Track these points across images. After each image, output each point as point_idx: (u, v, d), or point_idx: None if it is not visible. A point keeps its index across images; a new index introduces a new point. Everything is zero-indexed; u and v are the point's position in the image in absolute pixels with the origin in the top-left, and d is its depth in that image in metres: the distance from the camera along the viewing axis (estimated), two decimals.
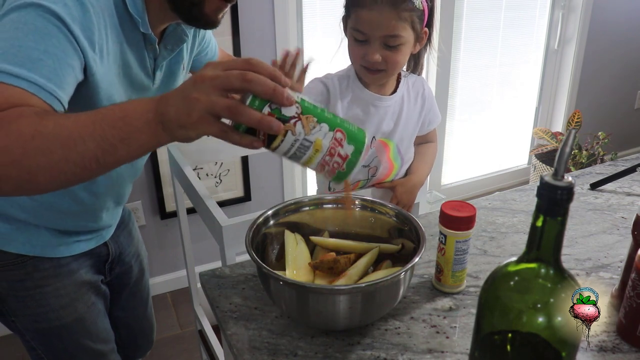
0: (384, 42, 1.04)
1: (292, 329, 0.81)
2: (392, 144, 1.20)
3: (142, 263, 1.29)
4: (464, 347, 0.77)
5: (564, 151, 0.52)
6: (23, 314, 1.03)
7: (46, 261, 1.00)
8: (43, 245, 0.98)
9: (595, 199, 1.18)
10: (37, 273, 0.99)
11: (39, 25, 0.71)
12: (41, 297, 1.01)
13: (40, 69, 0.69)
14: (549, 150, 2.81)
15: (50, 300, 1.02)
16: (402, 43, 1.05)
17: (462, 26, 2.56)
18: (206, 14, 0.88)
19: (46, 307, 1.02)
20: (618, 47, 3.01)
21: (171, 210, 2.15)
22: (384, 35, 1.03)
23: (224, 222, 1.03)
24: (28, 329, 1.05)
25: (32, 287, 1.00)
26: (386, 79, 1.13)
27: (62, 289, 1.03)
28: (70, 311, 1.05)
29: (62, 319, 1.04)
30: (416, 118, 1.20)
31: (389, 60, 1.06)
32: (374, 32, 1.03)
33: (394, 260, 0.87)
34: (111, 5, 0.83)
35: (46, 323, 1.04)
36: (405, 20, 1.02)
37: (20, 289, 1.00)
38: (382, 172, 1.22)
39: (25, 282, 0.99)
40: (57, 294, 1.02)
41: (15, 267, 0.97)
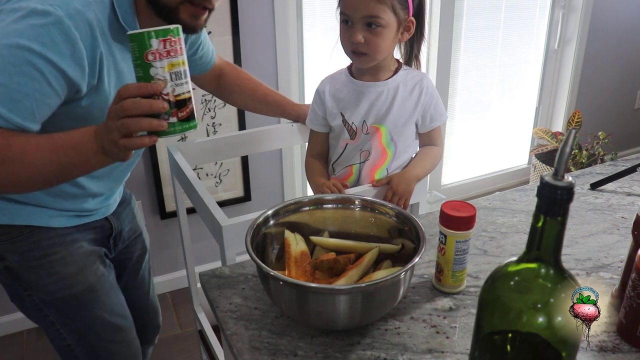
0: (366, 22, 1.11)
1: (292, 329, 0.81)
2: (384, 129, 1.21)
3: (144, 242, 1.34)
4: (464, 347, 0.77)
5: (564, 151, 0.52)
6: (36, 285, 1.08)
7: (51, 230, 1.06)
8: (44, 217, 1.05)
9: (595, 199, 1.18)
10: (44, 241, 1.06)
11: (25, 70, 0.82)
12: (50, 265, 1.07)
13: (20, 111, 0.83)
14: (549, 150, 2.81)
15: (59, 268, 1.07)
16: (382, 25, 1.11)
17: (462, 26, 2.56)
18: (183, 19, 0.95)
19: (56, 276, 1.08)
20: (618, 47, 3.01)
21: (171, 210, 2.15)
22: (364, 15, 1.10)
23: (224, 222, 1.03)
24: (44, 301, 1.10)
25: (40, 256, 1.06)
26: (371, 62, 1.18)
27: (69, 257, 1.08)
28: (80, 279, 1.10)
29: (73, 288, 1.09)
30: (411, 107, 1.22)
31: (371, 43, 1.13)
32: (355, 14, 1.11)
33: (394, 260, 0.87)
34: (106, 22, 0.92)
35: (58, 292, 1.09)
36: (385, 3, 1.09)
37: (30, 258, 1.06)
38: (375, 157, 1.24)
39: (34, 252, 1.05)
40: (64, 261, 1.08)
41: (23, 237, 1.04)
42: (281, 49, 2.09)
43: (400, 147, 1.24)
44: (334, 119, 1.25)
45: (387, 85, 1.21)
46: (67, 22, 0.84)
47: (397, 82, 1.22)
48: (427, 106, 1.23)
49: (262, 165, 2.26)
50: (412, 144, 1.27)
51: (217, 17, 1.92)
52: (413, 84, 1.22)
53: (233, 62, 1.99)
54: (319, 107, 1.27)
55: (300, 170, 2.41)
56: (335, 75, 1.28)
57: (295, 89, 2.24)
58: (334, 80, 1.27)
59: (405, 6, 1.12)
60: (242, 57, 2.01)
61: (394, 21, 1.12)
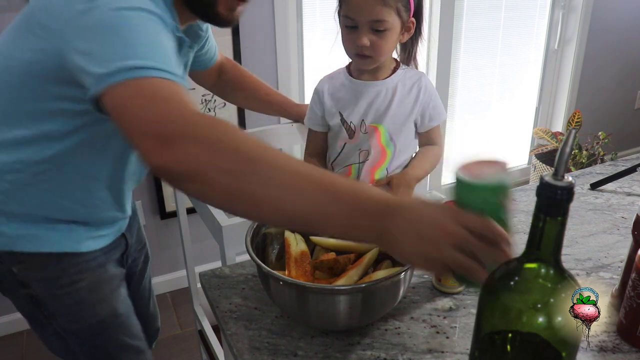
0: (371, 26, 1.11)
1: (292, 329, 0.81)
2: (383, 128, 1.22)
3: (147, 251, 1.31)
4: (464, 347, 0.77)
5: (564, 151, 0.52)
6: (60, 313, 1.03)
7: (78, 256, 1.01)
8: (74, 241, 1.00)
9: (595, 199, 1.18)
10: (72, 268, 1.01)
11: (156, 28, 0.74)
12: (77, 293, 1.02)
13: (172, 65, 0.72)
14: (549, 150, 2.81)
15: (86, 295, 1.03)
16: (388, 28, 1.11)
17: (462, 26, 2.56)
18: (220, 12, 0.91)
19: (82, 304, 1.03)
20: (618, 47, 3.01)
21: (171, 210, 2.15)
22: (371, 20, 1.10)
23: (224, 222, 1.03)
24: (67, 330, 1.05)
25: (67, 284, 1.01)
26: (374, 64, 1.19)
27: (96, 283, 1.04)
28: (105, 306, 1.06)
29: (99, 315, 1.05)
30: (410, 106, 1.22)
31: (375, 45, 1.13)
32: (361, 17, 1.10)
33: (394, 260, 0.87)
34: None
35: (84, 321, 1.04)
36: (390, 6, 1.09)
37: (56, 287, 1.01)
38: (375, 157, 1.24)
39: (61, 279, 1.00)
40: (91, 288, 1.03)
41: (51, 264, 0.98)
42: (281, 49, 2.09)
43: (399, 147, 1.24)
44: (332, 118, 1.25)
45: (386, 84, 1.22)
46: None
47: (396, 81, 1.22)
48: (425, 105, 1.23)
49: None
50: (411, 143, 1.27)
51: None
52: (411, 83, 1.22)
53: None
54: (317, 107, 1.27)
55: None
56: (333, 75, 1.28)
57: (295, 89, 2.24)
58: (333, 79, 1.27)
59: (408, 7, 1.13)
60: (242, 57, 2.01)
61: (398, 23, 1.12)
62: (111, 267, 1.08)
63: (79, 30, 0.74)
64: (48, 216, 0.96)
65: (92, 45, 0.73)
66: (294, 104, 1.46)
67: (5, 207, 0.93)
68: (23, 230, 0.95)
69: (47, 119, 0.86)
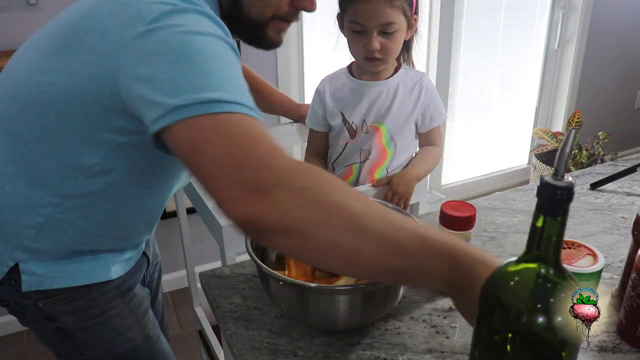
0: (381, 30, 1.12)
1: (292, 329, 0.81)
2: (384, 128, 1.22)
3: (160, 264, 1.26)
4: (464, 347, 0.77)
5: (564, 151, 0.52)
6: (93, 344, 0.98)
7: (108, 284, 0.96)
8: (103, 269, 0.95)
9: (595, 199, 1.18)
10: (102, 297, 0.95)
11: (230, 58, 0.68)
12: (108, 322, 0.98)
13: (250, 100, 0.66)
14: (549, 150, 2.81)
15: (118, 323, 0.98)
16: (397, 30, 1.13)
17: (462, 26, 2.56)
18: (270, 36, 0.90)
19: (114, 332, 0.99)
20: (618, 47, 3.01)
21: (171, 210, 2.14)
22: (380, 24, 1.11)
23: (224, 222, 1.03)
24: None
25: (98, 314, 0.96)
26: (383, 66, 1.20)
27: (126, 309, 0.99)
28: (138, 331, 1.01)
29: (132, 341, 1.00)
30: (411, 107, 1.22)
31: (385, 48, 1.14)
32: (371, 22, 1.11)
33: None
34: None
35: (117, 349, 0.99)
36: (397, 7, 1.10)
37: (87, 318, 0.96)
38: (375, 156, 1.24)
39: (92, 310, 0.95)
40: (122, 315, 0.99)
41: (81, 296, 0.94)
42: (281, 48, 2.07)
43: (400, 147, 1.24)
44: (333, 118, 1.25)
45: (387, 84, 1.22)
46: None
47: (397, 81, 1.22)
48: (426, 105, 1.23)
49: None
50: (411, 144, 1.27)
51: None
52: (413, 84, 1.23)
53: None
54: (318, 107, 1.28)
55: None
56: (335, 75, 1.28)
57: (295, 89, 2.24)
58: (334, 79, 1.27)
59: (411, 5, 1.14)
60: (242, 57, 2.00)
61: (404, 23, 1.13)
62: (139, 289, 1.03)
63: (142, 54, 0.66)
64: (77, 249, 0.91)
65: (159, 71, 0.64)
66: (297, 105, 1.46)
67: (36, 245, 0.86)
68: (50, 268, 0.89)
69: (87, 150, 0.78)
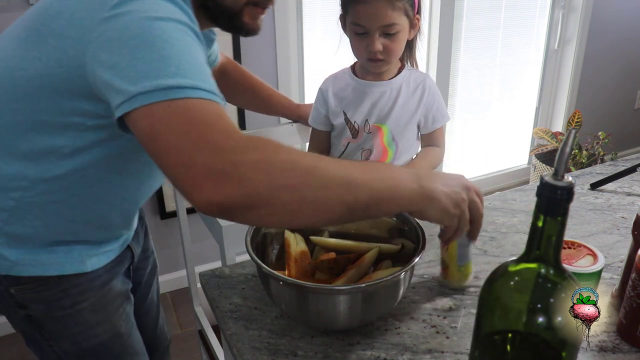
0: (383, 31, 1.12)
1: (292, 329, 0.81)
2: (386, 128, 1.22)
3: (155, 261, 1.25)
4: (464, 347, 0.77)
5: (564, 151, 0.52)
6: (61, 335, 0.99)
7: (81, 276, 0.96)
8: (77, 262, 0.95)
9: (595, 199, 1.18)
10: (74, 289, 0.96)
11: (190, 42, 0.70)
12: (78, 314, 0.98)
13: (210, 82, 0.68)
14: (549, 150, 2.81)
15: (88, 316, 0.98)
16: (399, 31, 1.13)
17: (462, 26, 2.56)
18: (246, 22, 0.89)
19: (84, 325, 0.99)
20: (618, 47, 3.01)
21: (171, 210, 2.15)
22: (382, 25, 1.10)
23: (224, 222, 1.03)
24: (67, 352, 1.01)
25: (69, 306, 0.96)
26: (386, 67, 1.20)
27: (98, 303, 0.99)
28: (108, 327, 1.01)
29: (101, 336, 1.01)
30: (414, 107, 1.22)
31: (388, 49, 1.14)
32: (373, 24, 1.11)
33: (394, 260, 0.87)
34: None
35: (85, 342, 1.00)
36: (399, 8, 1.10)
37: (57, 308, 0.96)
38: (376, 156, 1.24)
39: (63, 301, 0.96)
40: (93, 309, 0.99)
41: (52, 286, 0.94)
42: (281, 49, 2.09)
43: (401, 147, 1.24)
44: (336, 118, 1.26)
45: (390, 84, 1.22)
46: None
47: (400, 82, 1.22)
48: (429, 107, 1.23)
49: None
50: (413, 145, 1.27)
51: None
52: (416, 84, 1.23)
53: None
54: (321, 106, 1.28)
55: None
56: (338, 75, 1.28)
57: (295, 89, 2.24)
58: (337, 79, 1.27)
59: (413, 5, 1.14)
60: (242, 57, 2.01)
61: (406, 23, 1.13)
62: (116, 284, 1.03)
63: (105, 40, 0.67)
64: (52, 239, 0.91)
65: (121, 58, 0.66)
66: (295, 105, 1.46)
67: (8, 228, 0.87)
68: (24, 255, 0.89)
69: (55, 133, 0.79)
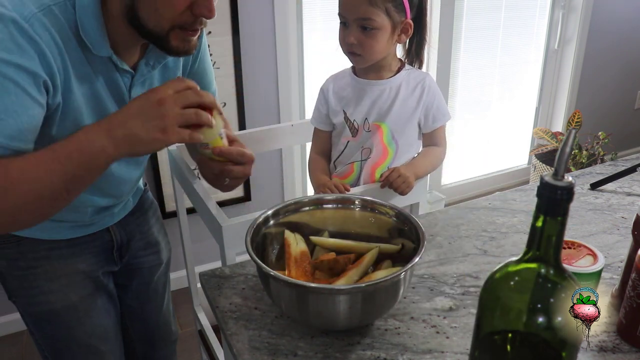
0: (359, 24, 1.14)
1: (292, 329, 0.81)
2: (385, 127, 1.22)
3: (159, 255, 1.26)
4: (464, 347, 0.77)
5: (564, 151, 0.52)
6: (19, 294, 1.05)
7: (40, 243, 1.02)
8: (36, 229, 0.99)
9: (595, 199, 1.18)
10: (30, 254, 1.02)
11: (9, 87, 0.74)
12: (33, 278, 1.03)
13: (3, 129, 0.75)
14: (549, 150, 2.81)
15: (41, 282, 1.04)
16: (376, 28, 1.13)
17: (462, 26, 2.56)
18: (175, 46, 0.87)
19: (37, 289, 1.04)
20: (618, 47, 3.01)
21: (171, 210, 2.15)
22: (358, 17, 1.13)
23: (224, 222, 1.03)
24: (25, 312, 1.08)
25: (24, 267, 1.02)
26: (365, 63, 1.20)
27: (53, 273, 1.04)
28: (61, 297, 1.06)
29: (53, 304, 1.06)
30: (413, 106, 1.22)
31: (364, 44, 1.15)
32: (350, 15, 1.14)
33: (394, 260, 0.87)
34: (71, 38, 0.83)
35: (37, 306, 1.06)
36: (377, 6, 1.11)
37: (15, 268, 1.03)
38: (376, 155, 1.25)
39: (19, 262, 1.02)
40: (47, 277, 1.04)
41: (11, 245, 1.01)
42: (281, 49, 2.09)
43: (401, 146, 1.24)
44: (336, 116, 1.26)
45: (390, 83, 1.22)
46: (24, 23, 0.75)
47: (400, 81, 1.23)
48: (429, 105, 1.23)
49: (262, 165, 2.26)
50: (414, 144, 1.27)
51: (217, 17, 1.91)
52: (415, 83, 1.23)
53: (233, 62, 2.00)
54: (322, 106, 1.29)
55: (300, 170, 2.41)
56: (339, 74, 1.30)
57: (295, 89, 2.24)
58: (338, 78, 1.29)
59: (401, 9, 1.14)
60: (242, 57, 2.01)
61: (387, 24, 1.14)
62: (79, 261, 1.07)
63: None
64: None
65: None
66: None
67: None
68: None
69: None
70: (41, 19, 0.78)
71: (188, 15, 0.84)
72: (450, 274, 0.93)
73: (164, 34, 0.85)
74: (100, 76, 0.90)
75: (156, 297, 1.30)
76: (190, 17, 0.84)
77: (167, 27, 0.84)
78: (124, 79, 0.93)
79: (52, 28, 0.79)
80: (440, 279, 0.92)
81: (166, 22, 0.84)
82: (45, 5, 0.79)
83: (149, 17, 0.83)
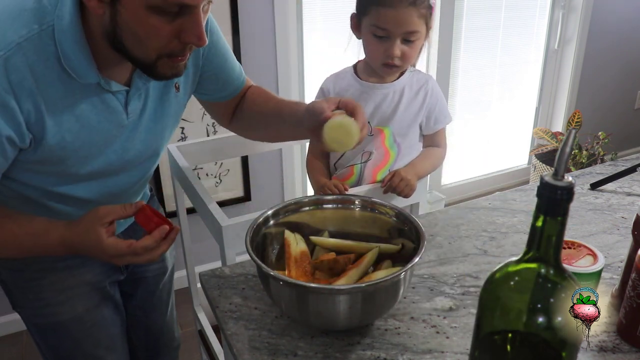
0: (404, 37, 1.12)
1: (292, 329, 0.81)
2: (388, 131, 1.22)
3: (164, 261, 1.25)
4: (464, 347, 0.77)
5: (564, 151, 0.52)
6: (24, 306, 1.04)
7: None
8: None
9: (595, 199, 1.18)
10: (35, 265, 1.00)
11: None
12: (39, 289, 1.02)
13: None
14: (549, 150, 2.81)
15: (48, 294, 1.02)
16: (419, 38, 1.13)
17: (462, 26, 2.56)
18: (162, 73, 0.84)
19: (43, 301, 1.03)
20: (618, 47, 3.01)
21: (171, 210, 2.15)
22: (406, 31, 1.11)
23: (224, 222, 1.03)
24: (30, 322, 1.06)
25: (30, 279, 1.01)
26: (399, 72, 1.21)
27: (59, 284, 1.02)
28: (67, 309, 1.04)
29: (59, 316, 1.04)
30: (416, 110, 1.22)
31: (406, 55, 1.14)
32: (397, 29, 1.10)
33: (394, 260, 0.87)
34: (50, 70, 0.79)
35: (43, 318, 1.04)
36: (423, 16, 1.11)
37: (20, 279, 1.01)
38: (378, 158, 1.24)
39: (24, 273, 1.00)
40: (53, 288, 1.02)
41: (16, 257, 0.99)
42: (281, 49, 2.09)
43: (403, 149, 1.24)
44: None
45: (393, 87, 1.21)
46: None
47: (403, 84, 1.22)
48: (431, 108, 1.23)
49: (262, 165, 2.26)
50: (415, 146, 1.27)
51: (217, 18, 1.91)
52: (419, 86, 1.22)
53: None
54: None
55: (300, 170, 2.41)
56: (340, 74, 1.27)
57: (295, 89, 2.24)
58: (339, 79, 1.26)
59: (431, 13, 1.14)
60: (242, 57, 2.01)
61: (424, 30, 1.14)
62: (86, 272, 1.04)
63: None
64: None
65: None
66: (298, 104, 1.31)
67: None
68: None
69: None
70: (4, 64, 0.74)
71: (176, 43, 0.80)
72: (450, 274, 0.93)
73: (151, 62, 0.81)
74: (89, 101, 0.85)
75: (160, 305, 1.28)
76: (178, 45, 0.80)
77: (154, 57, 0.80)
78: (118, 98, 0.89)
79: (22, 68, 0.75)
80: (440, 279, 0.92)
81: (153, 52, 0.79)
82: (11, 45, 0.74)
83: (133, 47, 0.79)
